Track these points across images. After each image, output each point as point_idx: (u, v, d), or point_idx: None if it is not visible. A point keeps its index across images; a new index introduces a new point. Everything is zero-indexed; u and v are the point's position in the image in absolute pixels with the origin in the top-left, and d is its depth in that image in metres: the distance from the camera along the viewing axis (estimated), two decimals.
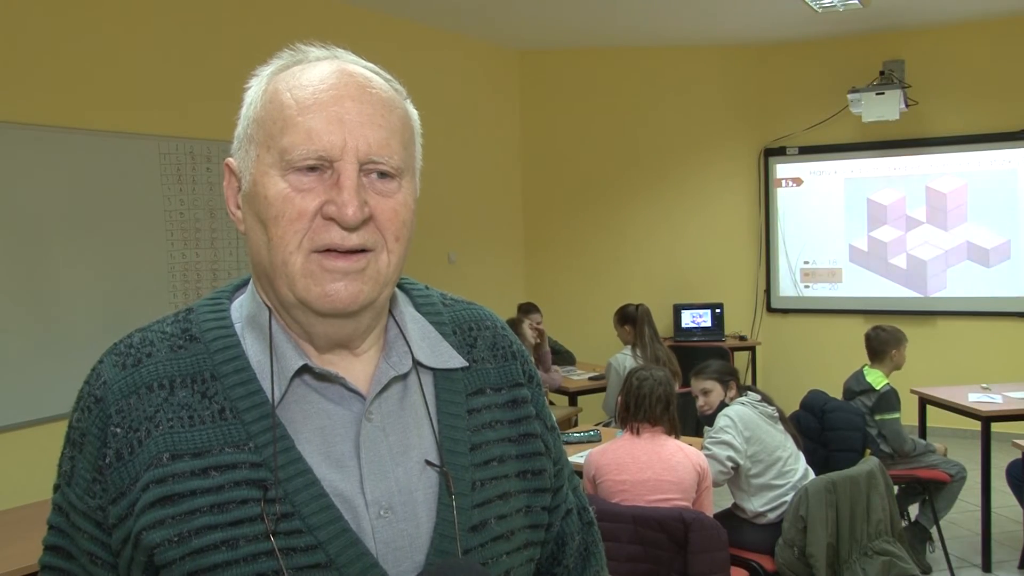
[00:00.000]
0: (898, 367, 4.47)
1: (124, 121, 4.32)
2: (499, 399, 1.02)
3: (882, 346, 4.44)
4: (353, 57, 0.95)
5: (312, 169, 0.88)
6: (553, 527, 1.07)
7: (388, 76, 0.96)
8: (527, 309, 6.12)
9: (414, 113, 0.98)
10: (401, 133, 0.93)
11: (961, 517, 4.73)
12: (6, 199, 3.86)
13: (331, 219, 0.87)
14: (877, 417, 4.26)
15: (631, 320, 5.34)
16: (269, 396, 0.91)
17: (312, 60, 0.93)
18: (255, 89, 0.94)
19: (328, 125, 0.87)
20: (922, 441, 4.46)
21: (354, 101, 0.89)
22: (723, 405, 3.62)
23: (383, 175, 0.90)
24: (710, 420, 3.66)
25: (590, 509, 1.16)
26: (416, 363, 0.98)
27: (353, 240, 0.88)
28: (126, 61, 4.35)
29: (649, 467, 3.02)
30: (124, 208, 4.31)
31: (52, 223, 4.02)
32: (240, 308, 0.98)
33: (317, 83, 0.90)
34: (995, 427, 4.32)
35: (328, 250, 0.88)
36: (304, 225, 0.87)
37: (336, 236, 0.87)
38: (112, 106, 4.28)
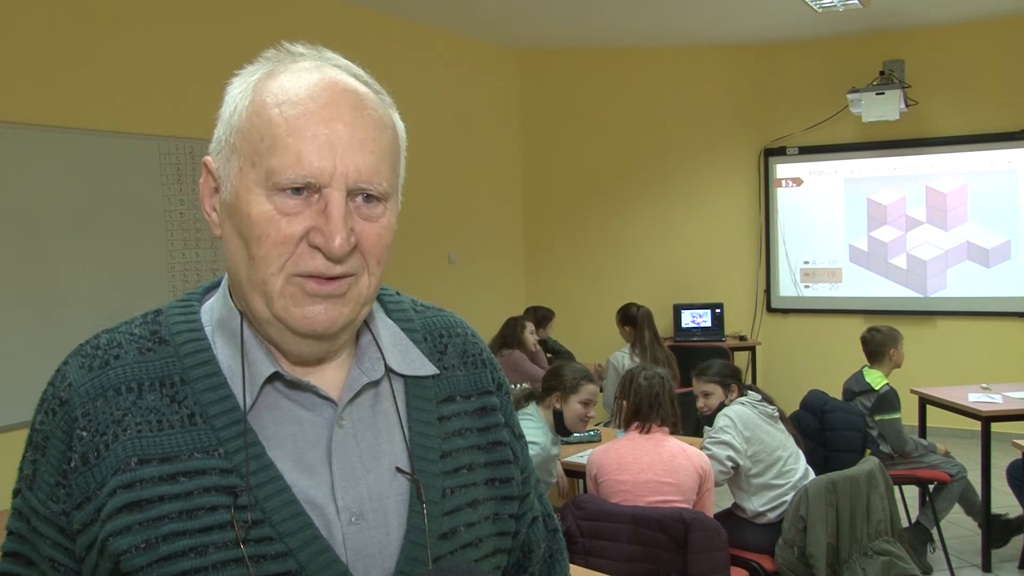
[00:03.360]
0: (898, 366, 4.48)
1: (124, 121, 4.32)
2: (468, 406, 1.02)
3: (879, 347, 4.44)
4: (341, 61, 0.93)
5: (298, 191, 0.85)
6: (520, 534, 1.07)
7: (375, 85, 0.93)
8: (544, 315, 6.10)
9: (400, 125, 0.95)
10: (391, 156, 0.91)
11: (961, 517, 4.73)
12: (6, 199, 3.85)
13: (316, 247, 0.85)
14: (877, 418, 4.26)
15: (632, 321, 5.35)
16: (240, 402, 0.89)
17: (298, 64, 0.90)
18: (239, 94, 0.90)
19: (319, 150, 0.85)
20: (923, 441, 4.46)
21: (346, 124, 0.86)
22: (723, 406, 3.62)
23: (370, 199, 0.88)
24: (710, 420, 3.66)
25: (555, 516, 1.17)
26: (388, 370, 0.97)
27: (337, 270, 0.86)
28: (126, 61, 4.35)
29: (650, 468, 3.02)
30: (124, 208, 4.31)
31: (52, 223, 4.02)
32: (210, 311, 0.96)
33: (307, 100, 0.86)
34: (995, 427, 4.32)
35: (310, 276, 0.86)
36: (288, 249, 0.85)
37: (320, 265, 0.86)
38: (112, 106, 4.28)
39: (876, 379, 4.36)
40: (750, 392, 3.62)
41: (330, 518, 0.89)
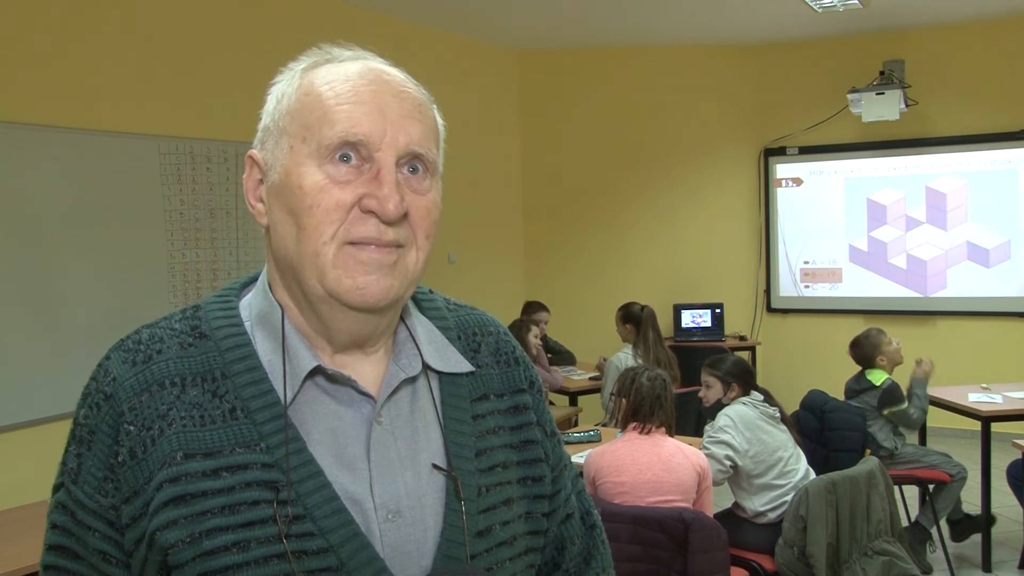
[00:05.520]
0: (897, 363, 4.47)
1: (124, 121, 4.32)
2: (502, 405, 1.02)
3: (867, 359, 4.46)
4: (382, 60, 0.96)
5: (349, 160, 0.87)
6: (550, 532, 1.06)
7: (417, 82, 0.97)
8: (535, 308, 6.10)
9: (441, 120, 0.98)
10: (435, 132, 0.94)
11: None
12: (6, 199, 3.85)
13: (370, 212, 0.87)
14: (886, 411, 4.28)
15: (634, 320, 5.33)
16: (280, 396, 0.90)
17: (344, 59, 0.94)
18: (286, 84, 0.93)
19: (369, 114, 0.88)
20: (922, 447, 4.50)
21: (394, 97, 0.90)
22: (720, 403, 3.62)
23: (417, 170, 0.90)
24: (711, 413, 3.66)
25: (594, 512, 1.15)
26: (425, 366, 0.97)
27: (389, 235, 0.88)
28: (126, 61, 4.35)
29: (649, 468, 3.02)
30: (124, 208, 4.31)
31: (52, 223, 4.02)
32: (249, 306, 0.97)
33: (356, 78, 0.90)
34: (995, 427, 4.32)
35: (362, 242, 0.87)
36: (340, 216, 0.87)
37: (373, 230, 0.87)
38: (112, 106, 4.28)
39: (877, 376, 4.37)
40: (753, 392, 3.62)
41: (368, 515, 0.89)
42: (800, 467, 3.47)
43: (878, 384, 4.33)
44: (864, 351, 4.46)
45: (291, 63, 0.96)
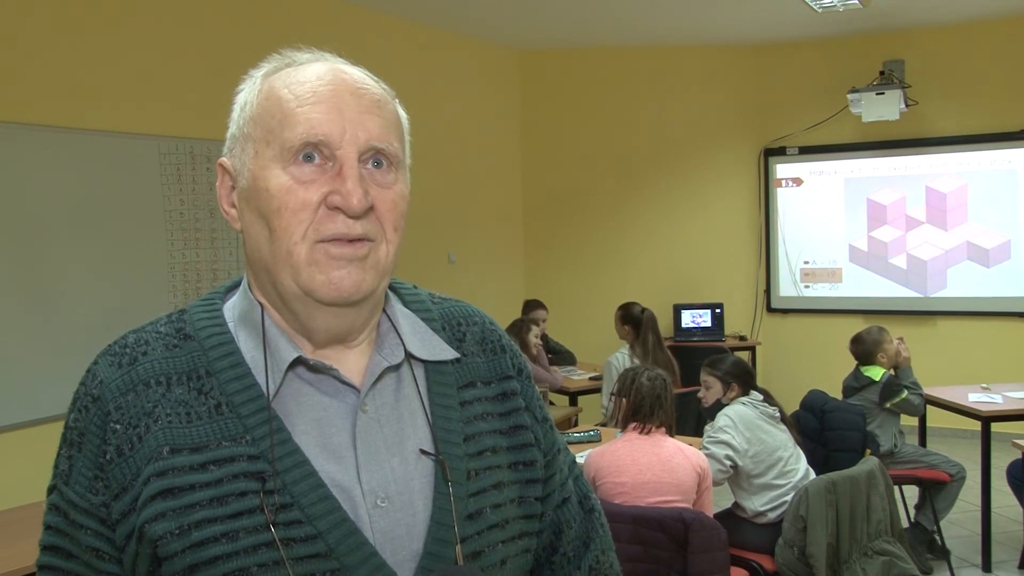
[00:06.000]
0: (895, 363, 4.47)
1: (124, 121, 4.32)
2: (489, 392, 1.04)
3: (867, 356, 4.46)
4: (342, 59, 0.98)
5: (312, 159, 0.89)
6: (546, 516, 1.08)
7: (377, 78, 0.98)
8: (533, 306, 6.09)
9: (404, 114, 1.00)
10: (397, 126, 0.96)
11: (961, 517, 4.73)
12: (6, 199, 3.85)
13: (336, 208, 0.89)
14: (888, 404, 4.31)
15: (633, 322, 5.32)
16: (264, 390, 0.92)
17: (303, 62, 0.96)
18: (248, 91, 0.96)
19: (328, 113, 0.90)
20: (922, 447, 4.50)
21: (352, 95, 0.92)
22: (719, 403, 3.62)
23: (381, 164, 0.92)
24: (711, 413, 3.66)
25: (593, 497, 1.16)
26: (408, 355, 0.99)
27: (357, 229, 0.90)
28: (125, 61, 4.35)
29: (649, 469, 3.02)
30: (124, 208, 4.31)
31: (52, 223, 4.02)
32: (232, 308, 0.99)
33: (314, 80, 0.92)
34: (995, 427, 4.32)
35: (332, 239, 0.90)
36: (308, 216, 0.89)
37: (341, 225, 0.89)
38: (112, 106, 4.28)
39: (875, 372, 4.39)
40: (752, 392, 3.62)
41: (356, 501, 0.91)
42: (800, 467, 3.47)
43: (878, 380, 4.35)
44: (866, 347, 4.47)
45: (252, 70, 0.98)
